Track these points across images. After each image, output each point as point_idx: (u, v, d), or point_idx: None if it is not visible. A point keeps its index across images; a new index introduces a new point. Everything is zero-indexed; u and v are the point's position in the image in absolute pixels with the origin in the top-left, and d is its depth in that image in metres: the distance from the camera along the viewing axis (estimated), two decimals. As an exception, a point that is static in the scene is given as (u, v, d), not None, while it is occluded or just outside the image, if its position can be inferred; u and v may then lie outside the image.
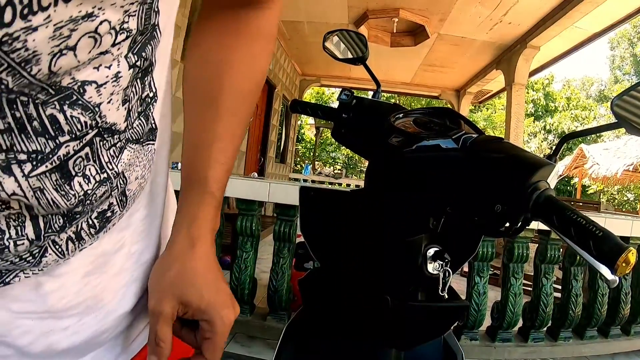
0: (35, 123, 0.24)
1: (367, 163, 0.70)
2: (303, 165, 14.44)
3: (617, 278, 0.41)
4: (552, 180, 0.49)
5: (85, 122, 0.27)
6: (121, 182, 0.33)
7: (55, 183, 0.27)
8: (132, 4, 0.25)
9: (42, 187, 0.26)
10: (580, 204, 6.96)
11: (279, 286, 2.16)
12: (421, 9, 5.10)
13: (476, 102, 9.84)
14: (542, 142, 18.61)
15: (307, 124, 17.89)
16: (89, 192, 0.29)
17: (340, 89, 0.80)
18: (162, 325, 0.37)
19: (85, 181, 0.29)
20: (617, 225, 2.37)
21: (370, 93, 0.86)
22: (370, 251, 0.63)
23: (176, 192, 0.46)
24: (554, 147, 0.56)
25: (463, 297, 0.72)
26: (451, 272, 0.59)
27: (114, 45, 0.26)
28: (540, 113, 18.88)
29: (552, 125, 18.50)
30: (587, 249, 0.40)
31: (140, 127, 0.34)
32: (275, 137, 7.93)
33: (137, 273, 0.41)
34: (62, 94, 0.24)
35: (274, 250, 2.22)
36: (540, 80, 18.55)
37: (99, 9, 0.23)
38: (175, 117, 0.47)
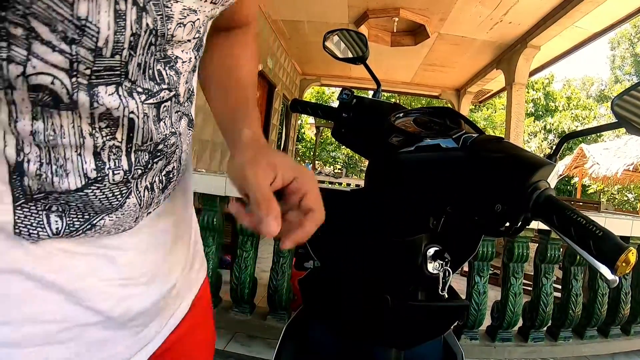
0: (149, 71, 0.36)
1: (367, 163, 0.70)
2: (303, 164, 14.42)
3: (617, 278, 0.41)
4: (552, 180, 0.49)
5: (175, 80, 0.39)
6: (180, 144, 0.44)
7: (154, 117, 0.38)
8: (207, 16, 0.40)
9: (148, 115, 0.37)
10: (580, 203, 6.97)
11: (279, 285, 2.16)
12: (421, 8, 5.10)
13: (476, 101, 9.83)
14: (542, 141, 18.60)
15: (308, 124, 17.88)
16: (167, 135, 0.40)
17: (341, 89, 0.80)
18: (262, 183, 0.38)
19: (165, 126, 0.40)
20: (617, 225, 2.37)
21: (371, 92, 0.86)
22: (370, 251, 0.63)
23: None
24: (554, 147, 0.56)
25: (463, 296, 0.72)
26: (451, 272, 0.59)
27: (193, 38, 0.39)
28: (541, 113, 18.86)
29: (552, 125, 18.48)
30: (587, 249, 0.40)
31: (188, 108, 0.45)
32: (276, 136, 7.92)
33: (180, 253, 0.51)
34: (166, 59, 0.38)
35: (274, 250, 2.22)
36: (540, 80, 18.52)
37: (201, 11, 0.38)
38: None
